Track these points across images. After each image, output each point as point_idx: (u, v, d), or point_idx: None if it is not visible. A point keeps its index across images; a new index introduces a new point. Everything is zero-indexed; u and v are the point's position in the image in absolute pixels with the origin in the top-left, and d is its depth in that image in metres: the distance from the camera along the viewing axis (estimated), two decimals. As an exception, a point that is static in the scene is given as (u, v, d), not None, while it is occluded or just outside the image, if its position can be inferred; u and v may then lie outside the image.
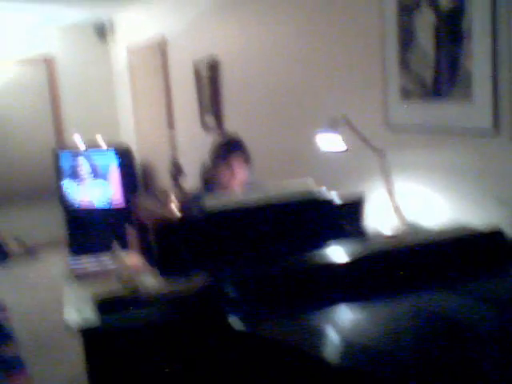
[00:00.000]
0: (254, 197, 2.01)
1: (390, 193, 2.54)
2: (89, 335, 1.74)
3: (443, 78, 2.30)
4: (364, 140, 2.56)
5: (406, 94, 2.51)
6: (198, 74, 4.56)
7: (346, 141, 2.58)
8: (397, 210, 2.52)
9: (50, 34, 6.47)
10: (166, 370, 1.73)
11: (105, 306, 1.72)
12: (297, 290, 1.63)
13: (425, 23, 2.35)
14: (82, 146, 6.09)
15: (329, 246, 1.81)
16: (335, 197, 2.04)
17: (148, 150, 6.12)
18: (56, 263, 5.96)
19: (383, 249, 1.85)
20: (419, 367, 1.25)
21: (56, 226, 6.42)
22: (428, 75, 2.37)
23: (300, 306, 1.59)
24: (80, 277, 3.14)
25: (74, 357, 3.56)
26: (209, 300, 1.68)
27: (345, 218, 2.01)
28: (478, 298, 1.55)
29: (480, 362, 1.26)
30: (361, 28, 2.77)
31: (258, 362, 1.48)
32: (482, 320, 1.44)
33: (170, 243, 1.84)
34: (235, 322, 1.57)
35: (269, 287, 1.66)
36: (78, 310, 1.75)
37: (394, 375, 1.23)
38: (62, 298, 1.95)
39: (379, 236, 2.32)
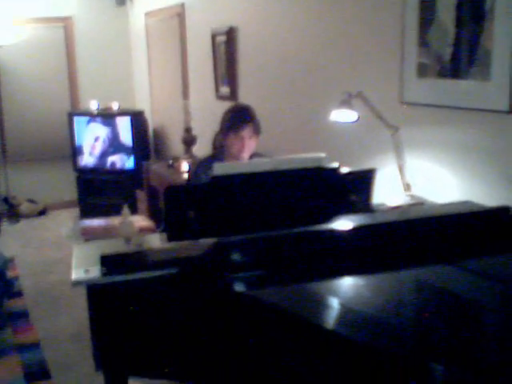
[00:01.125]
0: (262, 164, 2.01)
1: (401, 168, 2.54)
2: (93, 291, 1.76)
3: (462, 56, 2.28)
4: (378, 116, 2.55)
5: (422, 71, 2.48)
6: (214, 42, 4.54)
7: (360, 116, 2.57)
8: (406, 185, 2.52)
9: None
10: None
11: (109, 263, 1.75)
12: (300, 258, 1.64)
13: (447, 1, 2.31)
14: (96, 110, 6.10)
15: (335, 216, 1.81)
16: (346, 170, 2.03)
17: (162, 116, 6.12)
18: (66, 223, 6.03)
19: (388, 220, 1.85)
20: (418, 339, 1.26)
21: (68, 188, 6.47)
22: (446, 53, 2.34)
23: (303, 274, 1.61)
24: (88, 237, 3.19)
25: (79, 312, 3.65)
26: (213, 263, 1.70)
27: (353, 191, 2.01)
28: (480, 274, 1.55)
29: (480, 335, 1.27)
30: (381, 3, 2.73)
31: (257, 324, 1.50)
32: (484, 296, 1.45)
33: (178, 207, 1.85)
34: (238, 285, 1.59)
35: (272, 254, 1.67)
36: (84, 268, 1.77)
37: (392, 345, 1.24)
38: (69, 257, 1.98)
39: (385, 208, 2.32)
